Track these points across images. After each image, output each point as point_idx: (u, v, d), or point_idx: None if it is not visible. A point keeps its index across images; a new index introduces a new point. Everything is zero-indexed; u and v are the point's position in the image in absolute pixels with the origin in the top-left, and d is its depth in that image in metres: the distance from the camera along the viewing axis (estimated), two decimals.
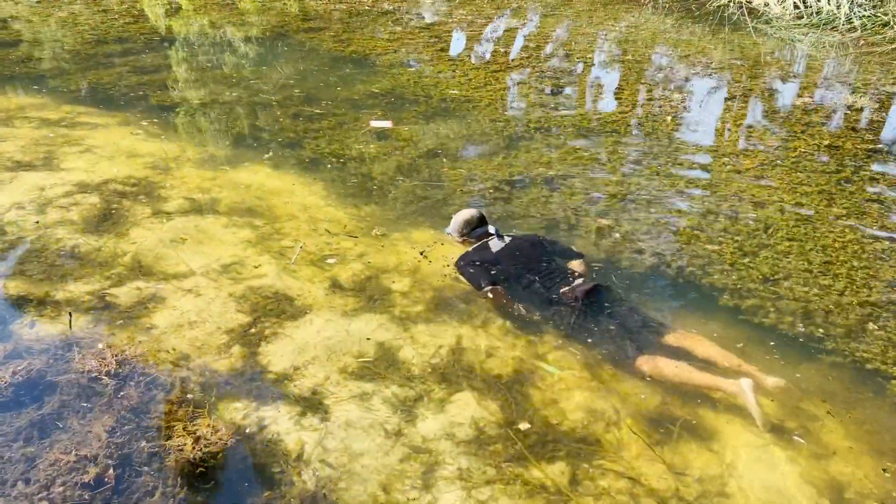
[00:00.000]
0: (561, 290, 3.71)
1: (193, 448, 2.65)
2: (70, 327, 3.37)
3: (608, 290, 3.75)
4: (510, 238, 4.14)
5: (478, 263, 4.00)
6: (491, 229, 4.24)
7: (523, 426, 2.94)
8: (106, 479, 2.56)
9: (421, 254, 4.26)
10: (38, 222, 4.38)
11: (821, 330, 3.56)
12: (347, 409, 3.03)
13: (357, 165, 5.53)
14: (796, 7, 10.97)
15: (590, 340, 3.51)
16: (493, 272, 3.92)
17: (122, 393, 2.99)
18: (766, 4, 11.32)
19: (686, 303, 3.87)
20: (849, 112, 6.81)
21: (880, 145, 5.96)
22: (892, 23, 10.12)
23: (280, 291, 3.84)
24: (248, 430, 2.88)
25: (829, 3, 10.61)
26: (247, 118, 6.47)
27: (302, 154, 5.74)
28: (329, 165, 5.54)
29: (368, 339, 3.47)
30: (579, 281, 3.77)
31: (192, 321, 3.55)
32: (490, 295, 3.85)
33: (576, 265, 4.01)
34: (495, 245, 4.08)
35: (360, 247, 4.36)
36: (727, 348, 3.41)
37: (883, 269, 4.08)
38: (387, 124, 6.27)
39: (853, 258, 4.17)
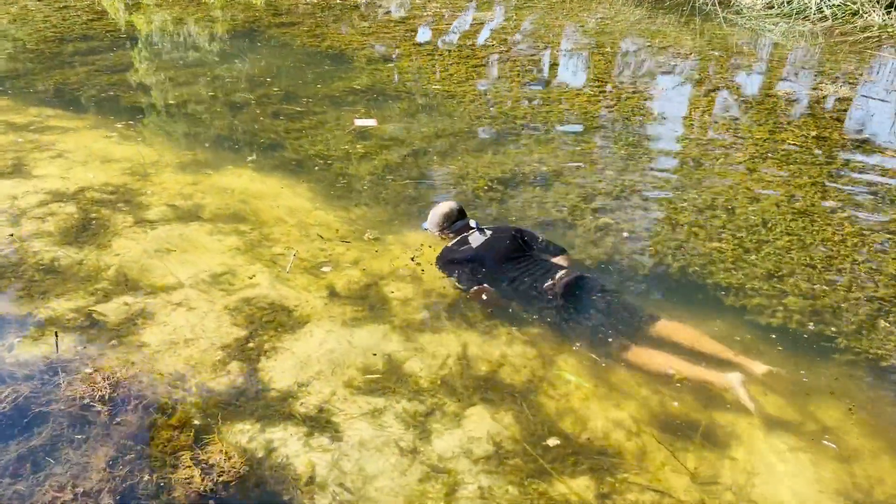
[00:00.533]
0: (544, 284, 3.63)
1: (203, 479, 2.49)
2: (56, 349, 3.17)
3: (592, 282, 3.66)
4: (490, 231, 4.02)
5: (459, 261, 3.89)
6: (472, 223, 4.12)
7: (552, 442, 2.83)
8: None
9: (412, 259, 4.12)
10: (12, 235, 4.14)
11: (832, 328, 3.52)
12: (359, 428, 2.89)
13: (344, 166, 5.37)
14: None
15: (578, 335, 3.47)
16: (475, 268, 3.81)
17: (118, 420, 2.81)
18: None
19: (691, 303, 3.79)
20: (832, 102, 6.83)
21: (866, 135, 5.98)
22: (860, 11, 10.22)
23: (276, 302, 3.68)
24: (256, 455, 2.73)
25: None
26: (225, 118, 6.25)
27: (285, 155, 5.56)
28: (315, 167, 5.36)
29: (375, 354, 3.33)
30: (562, 273, 3.68)
31: (186, 338, 3.37)
32: (483, 296, 3.74)
33: (558, 258, 3.93)
34: (476, 239, 3.96)
35: (354, 252, 4.21)
36: (714, 337, 3.41)
37: (885, 262, 4.06)
38: (371, 123, 6.10)
39: (854, 252, 4.15)
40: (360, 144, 5.71)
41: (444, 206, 4.19)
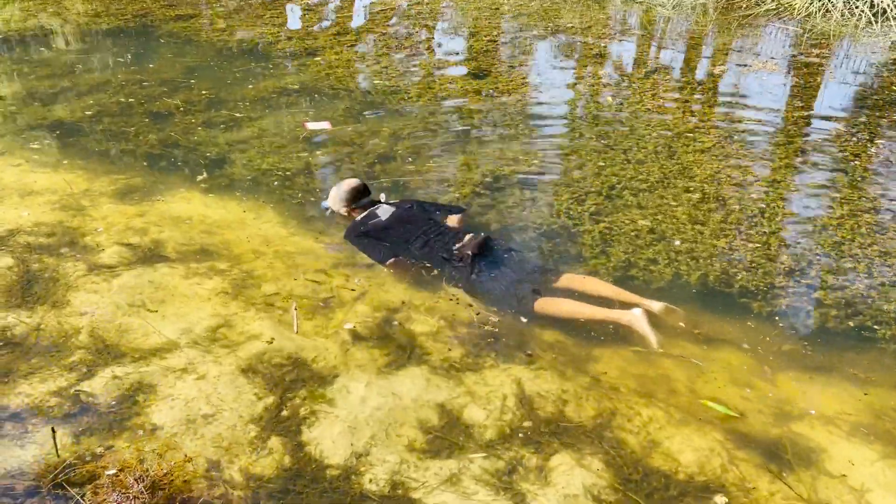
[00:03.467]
0: (454, 247, 3.80)
1: None
2: (56, 450, 2.59)
3: (498, 242, 3.92)
4: (394, 204, 4.19)
5: (370, 233, 4.01)
6: (382, 196, 4.31)
7: (720, 500, 2.59)
8: None
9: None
10: None
11: (870, 322, 3.51)
12: (446, 500, 2.55)
13: (306, 180, 4.87)
14: None
15: (489, 292, 3.66)
16: (385, 239, 3.97)
17: None
18: None
19: (717, 314, 3.65)
20: (765, 79, 7.00)
21: (811, 111, 6.16)
22: None
23: (292, 355, 3.23)
24: None
25: None
26: (153, 131, 5.53)
27: (234, 172, 4.98)
28: (274, 183, 4.84)
29: (431, 422, 2.98)
30: (470, 236, 3.86)
31: (204, 413, 2.87)
32: (393, 268, 3.89)
33: (456, 219, 4.19)
34: (384, 211, 4.11)
35: (357, 284, 3.79)
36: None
37: (885, 241, 4.13)
38: (324, 126, 5.60)
39: (855, 234, 4.20)
40: (321, 151, 5.22)
41: (350, 182, 4.28)
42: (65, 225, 4.17)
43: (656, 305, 3.53)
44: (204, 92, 6.27)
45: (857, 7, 9.25)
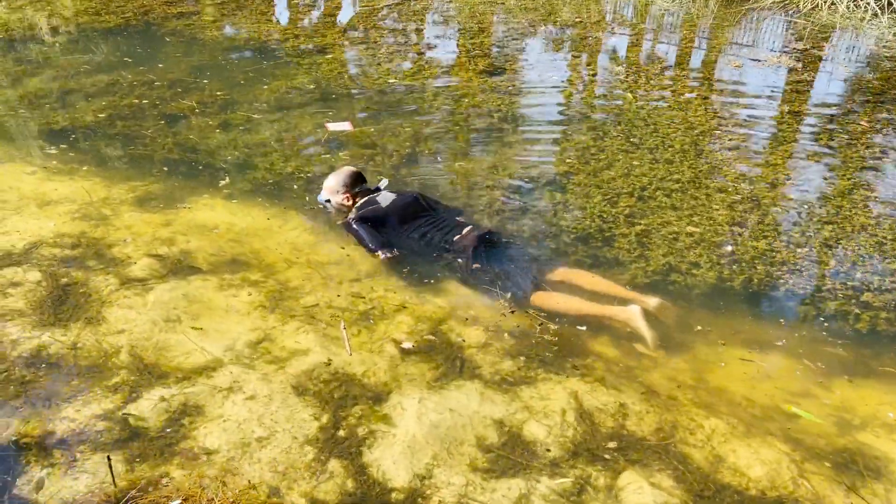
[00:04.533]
0: (454, 238, 3.83)
1: None
2: (113, 480, 2.49)
3: (496, 235, 3.94)
4: (395, 192, 4.19)
5: (370, 219, 3.99)
6: (383, 183, 4.28)
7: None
8: None
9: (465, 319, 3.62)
10: None
11: None
12: None
13: None
14: None
15: (487, 284, 3.68)
16: (383, 227, 3.98)
17: None
18: None
19: (764, 318, 3.61)
20: (780, 74, 6.95)
21: (831, 107, 6.11)
22: None
23: (341, 370, 3.13)
24: None
25: None
26: (168, 135, 5.38)
27: (256, 176, 4.85)
28: (296, 186, 4.72)
29: (491, 440, 2.89)
30: (468, 228, 3.89)
31: (258, 435, 2.77)
32: (382, 257, 3.89)
33: (459, 217, 4.14)
34: (384, 199, 4.11)
35: (396, 295, 3.70)
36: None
37: None
38: (346, 127, 5.48)
39: (893, 232, 4.16)
40: (344, 153, 5.11)
41: (348, 169, 4.28)
42: (88, 236, 4.04)
43: (652, 302, 3.49)
44: (217, 93, 6.12)
45: None
